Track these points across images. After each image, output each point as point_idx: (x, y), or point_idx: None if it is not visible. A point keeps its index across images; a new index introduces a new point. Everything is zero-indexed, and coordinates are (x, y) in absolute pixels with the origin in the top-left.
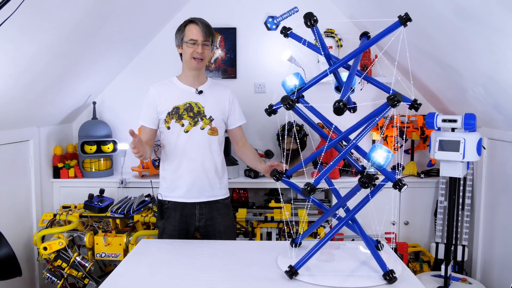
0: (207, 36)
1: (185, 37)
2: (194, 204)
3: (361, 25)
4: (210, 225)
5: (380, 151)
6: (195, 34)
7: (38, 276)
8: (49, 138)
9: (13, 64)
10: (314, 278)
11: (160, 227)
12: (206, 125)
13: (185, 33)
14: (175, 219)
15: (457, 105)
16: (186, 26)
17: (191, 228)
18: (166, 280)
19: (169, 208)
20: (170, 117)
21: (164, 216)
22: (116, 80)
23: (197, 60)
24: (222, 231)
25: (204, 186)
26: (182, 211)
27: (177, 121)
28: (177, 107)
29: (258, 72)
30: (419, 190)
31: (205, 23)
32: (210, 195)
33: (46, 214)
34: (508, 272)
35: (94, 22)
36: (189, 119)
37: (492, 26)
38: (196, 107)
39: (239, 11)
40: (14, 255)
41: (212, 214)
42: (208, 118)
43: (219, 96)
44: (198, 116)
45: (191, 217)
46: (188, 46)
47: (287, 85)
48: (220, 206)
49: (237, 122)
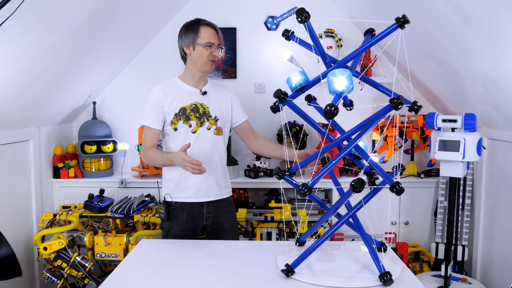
0: (221, 40)
1: (201, 39)
2: (202, 204)
3: (361, 25)
4: (217, 223)
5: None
6: (212, 37)
7: (38, 276)
8: (49, 138)
9: (13, 64)
10: (312, 277)
11: (165, 228)
12: (212, 125)
13: (201, 35)
14: (182, 219)
15: (457, 105)
16: (201, 28)
17: (198, 227)
18: (166, 280)
19: (176, 209)
20: (177, 118)
21: (171, 217)
22: (116, 80)
23: (212, 62)
24: (228, 228)
25: (212, 186)
26: (190, 211)
27: (185, 122)
28: (184, 108)
29: (258, 72)
30: (419, 190)
31: (217, 26)
32: (218, 194)
33: (46, 214)
34: (508, 272)
35: (94, 22)
36: (196, 119)
37: (492, 26)
38: (202, 107)
39: (239, 11)
40: (14, 255)
41: (219, 212)
42: (213, 118)
43: (221, 96)
44: (204, 117)
45: (199, 216)
46: (204, 49)
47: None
48: (225, 204)
49: (241, 118)
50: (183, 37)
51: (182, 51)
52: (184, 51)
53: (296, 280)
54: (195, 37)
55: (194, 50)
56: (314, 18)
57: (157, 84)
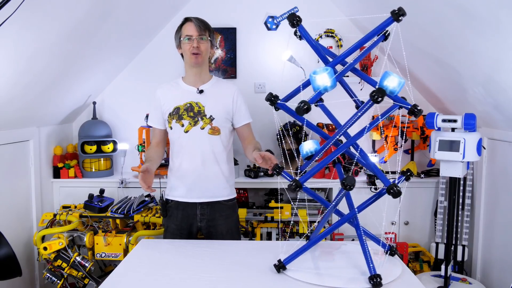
0: (202, 30)
1: (182, 35)
2: (196, 204)
3: (361, 25)
4: (212, 226)
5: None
6: (189, 30)
7: (38, 276)
8: (49, 138)
9: (13, 64)
10: (304, 275)
11: (164, 225)
12: (206, 124)
13: (182, 32)
14: (177, 218)
15: (457, 105)
16: (183, 26)
17: (193, 228)
18: (166, 280)
19: (172, 207)
20: (171, 117)
21: (168, 214)
22: (116, 80)
23: (195, 55)
24: (224, 233)
25: (205, 187)
26: (184, 210)
27: (177, 122)
28: (178, 107)
29: (258, 72)
30: (419, 190)
31: (199, 19)
32: (212, 196)
33: (46, 214)
34: (508, 272)
35: (94, 22)
36: (189, 119)
37: (493, 26)
38: (197, 106)
39: (239, 11)
40: (14, 255)
41: (214, 215)
42: (208, 118)
43: (222, 94)
44: (198, 116)
45: (193, 217)
46: (184, 43)
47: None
48: (223, 208)
49: (242, 121)
50: (175, 39)
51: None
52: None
53: (296, 280)
54: (179, 35)
55: (181, 48)
56: (314, 19)
57: (157, 84)
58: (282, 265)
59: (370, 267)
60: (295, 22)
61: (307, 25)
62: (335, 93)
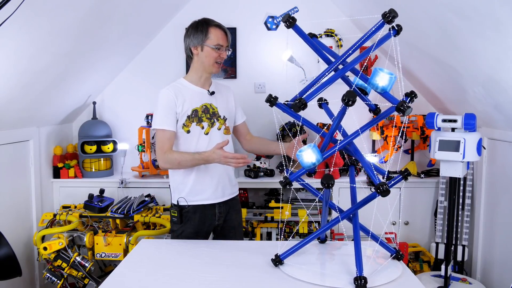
0: (229, 42)
1: (210, 41)
2: (215, 205)
3: (361, 25)
4: (226, 221)
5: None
6: (221, 40)
7: (38, 276)
8: (49, 138)
9: (13, 64)
10: (308, 276)
11: (177, 231)
12: (221, 125)
13: (210, 37)
14: (194, 221)
15: (457, 105)
16: (210, 29)
17: (210, 228)
18: (166, 280)
19: (189, 212)
20: (190, 120)
21: (183, 220)
22: (116, 80)
23: (218, 64)
24: (236, 226)
25: (226, 185)
26: (202, 213)
27: (198, 124)
28: (196, 109)
29: (258, 72)
30: (419, 190)
31: (227, 29)
32: (230, 193)
33: (46, 214)
34: (508, 272)
35: (94, 22)
36: (207, 121)
37: (492, 26)
38: (211, 108)
39: (239, 11)
40: (14, 255)
41: (229, 211)
42: (222, 118)
43: (225, 95)
44: (214, 117)
45: (212, 217)
46: (213, 51)
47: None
48: (235, 203)
49: (241, 118)
50: (191, 37)
51: (189, 50)
52: (191, 51)
53: (296, 280)
54: (204, 38)
55: (202, 51)
56: (314, 19)
57: (157, 84)
58: (279, 260)
59: (358, 268)
60: (289, 24)
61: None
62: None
